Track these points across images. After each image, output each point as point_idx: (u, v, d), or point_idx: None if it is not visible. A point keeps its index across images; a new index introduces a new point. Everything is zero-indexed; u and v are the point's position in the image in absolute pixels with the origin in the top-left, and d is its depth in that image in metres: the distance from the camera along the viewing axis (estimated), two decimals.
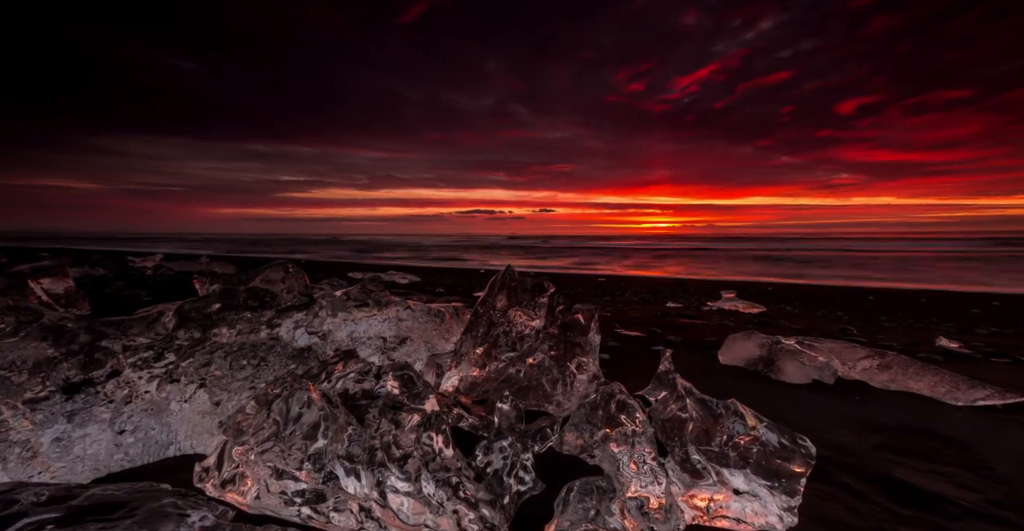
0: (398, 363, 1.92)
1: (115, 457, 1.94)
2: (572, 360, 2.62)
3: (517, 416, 2.05)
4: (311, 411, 1.48)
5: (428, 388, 1.87)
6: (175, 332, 2.23)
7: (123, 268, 10.48)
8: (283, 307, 2.59)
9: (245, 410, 1.50)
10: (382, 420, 1.63)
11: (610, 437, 1.97)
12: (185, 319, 2.29)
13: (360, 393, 1.80)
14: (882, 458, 2.63)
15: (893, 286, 18.64)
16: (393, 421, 1.66)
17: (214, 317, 2.36)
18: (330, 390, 1.78)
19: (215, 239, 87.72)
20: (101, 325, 2.17)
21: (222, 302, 2.42)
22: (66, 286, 4.74)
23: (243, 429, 1.47)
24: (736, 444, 2.00)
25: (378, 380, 1.85)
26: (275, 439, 1.43)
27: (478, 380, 2.62)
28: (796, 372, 4.23)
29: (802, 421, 3.12)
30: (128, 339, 2.14)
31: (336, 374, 1.86)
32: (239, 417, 1.49)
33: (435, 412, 1.76)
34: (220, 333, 2.34)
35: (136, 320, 2.27)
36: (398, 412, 1.70)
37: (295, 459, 1.42)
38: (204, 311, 2.35)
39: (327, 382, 1.83)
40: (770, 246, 64.35)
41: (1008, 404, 3.55)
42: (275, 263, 2.71)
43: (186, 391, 2.14)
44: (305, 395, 1.50)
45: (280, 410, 1.47)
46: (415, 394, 1.83)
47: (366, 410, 1.68)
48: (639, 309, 9.91)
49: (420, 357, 3.30)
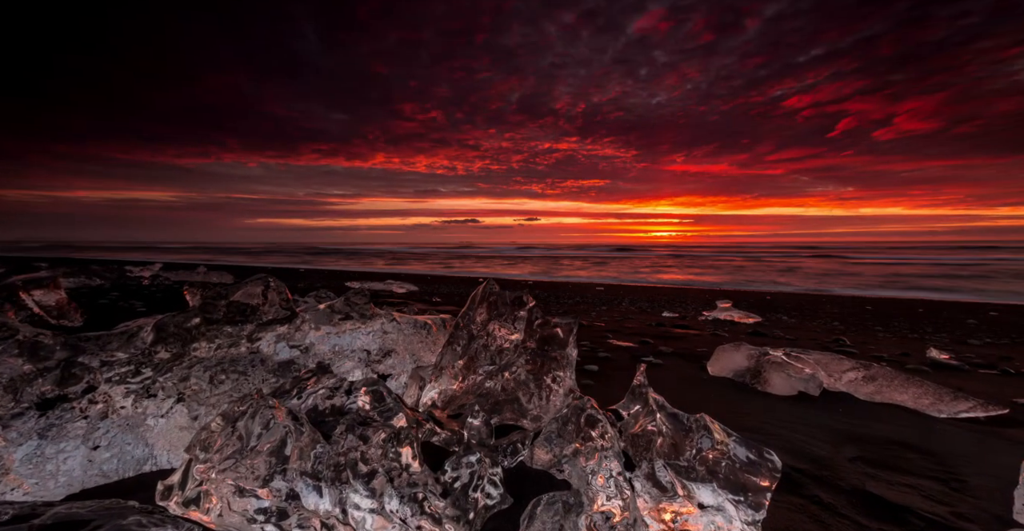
0: (369, 378, 1.95)
1: (89, 473, 1.96)
2: (549, 374, 2.64)
3: (487, 431, 2.08)
4: (274, 429, 1.50)
5: (398, 403, 1.90)
6: (153, 347, 2.27)
7: (120, 278, 10.53)
8: (264, 321, 2.62)
9: (210, 427, 1.53)
10: (349, 436, 1.66)
11: (579, 451, 2.00)
12: (163, 334, 2.32)
13: (329, 409, 1.83)
14: (857, 470, 2.65)
15: (891, 296, 18.67)
16: (361, 437, 1.69)
17: (194, 332, 2.39)
18: (299, 407, 1.81)
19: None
20: (79, 340, 2.20)
21: (202, 316, 2.46)
22: (58, 298, 4.78)
23: (207, 446, 1.50)
24: (704, 458, 2.02)
25: (348, 396, 1.88)
26: (238, 457, 1.46)
27: (458, 393, 2.65)
28: (782, 384, 4.25)
29: (782, 433, 3.14)
30: (107, 354, 2.18)
31: (308, 390, 1.89)
32: (203, 434, 1.52)
33: (403, 427, 1.79)
34: (199, 347, 2.37)
35: (115, 335, 2.30)
36: (366, 428, 1.73)
37: (257, 477, 1.45)
38: (184, 326, 2.39)
39: (297, 398, 1.86)
40: (774, 255, 64.40)
41: (990, 416, 3.57)
42: (256, 277, 2.75)
43: (163, 406, 2.17)
44: (268, 413, 1.53)
45: (244, 428, 1.50)
46: (385, 409, 1.86)
47: (334, 426, 1.71)
48: (634, 319, 9.92)
49: (405, 369, 3.32)
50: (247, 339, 2.52)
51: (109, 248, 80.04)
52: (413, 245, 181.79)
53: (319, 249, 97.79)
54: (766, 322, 10.13)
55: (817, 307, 13.92)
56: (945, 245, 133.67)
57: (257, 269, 28.12)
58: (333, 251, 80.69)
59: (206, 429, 1.53)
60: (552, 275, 30.02)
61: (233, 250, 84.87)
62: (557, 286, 21.50)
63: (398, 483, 1.65)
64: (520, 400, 2.56)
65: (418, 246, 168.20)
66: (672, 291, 19.82)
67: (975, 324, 10.27)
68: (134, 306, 7.22)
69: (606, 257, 63.19)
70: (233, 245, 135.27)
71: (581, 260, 54.03)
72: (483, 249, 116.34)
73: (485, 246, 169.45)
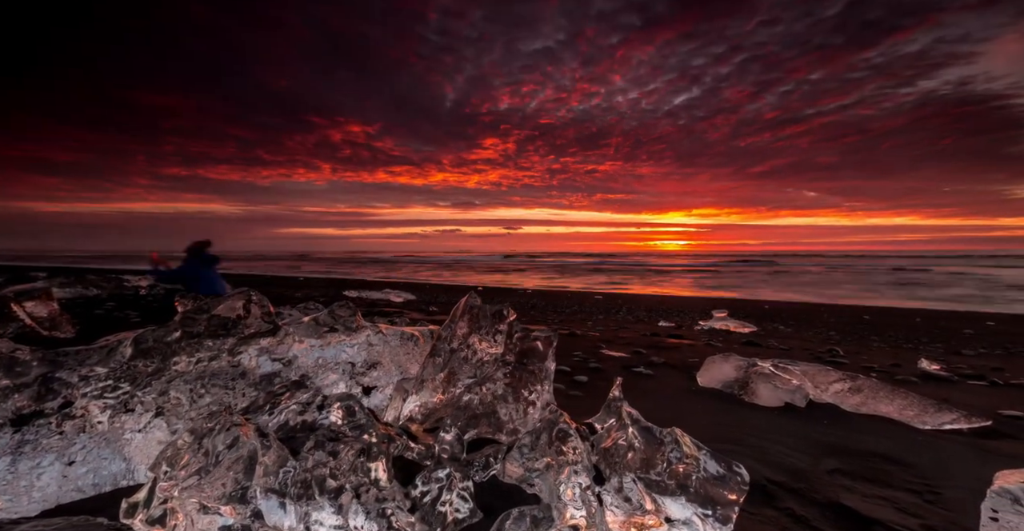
0: (342, 393, 1.98)
1: (65, 489, 1.99)
2: (527, 387, 2.67)
3: (459, 445, 2.10)
4: (240, 446, 1.53)
5: (370, 418, 1.92)
6: (132, 362, 2.30)
7: (117, 288, 10.56)
8: (246, 335, 2.65)
9: (176, 444, 1.56)
10: (317, 452, 1.69)
11: (550, 466, 2.02)
12: (142, 349, 2.35)
13: (301, 425, 1.86)
14: (834, 483, 2.66)
15: (890, 305, 18.66)
16: (330, 453, 1.71)
17: (174, 346, 2.42)
18: (270, 422, 1.84)
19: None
20: (57, 355, 2.24)
21: (182, 330, 2.49)
22: (50, 309, 4.81)
23: (174, 463, 1.52)
24: (674, 472, 2.04)
25: (321, 411, 1.91)
26: (202, 474, 1.48)
27: (438, 407, 2.67)
28: (769, 395, 4.27)
29: (763, 445, 3.15)
30: (86, 369, 2.21)
31: (281, 406, 1.92)
32: (170, 451, 1.55)
33: (373, 443, 1.81)
34: (179, 361, 2.40)
35: (95, 350, 2.33)
36: (336, 443, 1.76)
37: (221, 494, 1.47)
38: (163, 340, 2.42)
39: (268, 414, 1.89)
40: (779, 264, 64.48)
41: (973, 428, 3.58)
42: (238, 291, 2.78)
43: (141, 420, 2.19)
44: (234, 430, 1.56)
45: (209, 445, 1.53)
46: (356, 425, 1.88)
47: (304, 442, 1.73)
48: (630, 328, 9.94)
49: (391, 381, 3.35)
50: (228, 353, 2.55)
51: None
52: (430, 253, 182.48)
53: (338, 257, 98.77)
54: (762, 332, 10.15)
55: (815, 316, 13.92)
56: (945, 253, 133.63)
57: (256, 277, 28.22)
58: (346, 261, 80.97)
59: (173, 445, 1.55)
60: (553, 284, 30.05)
61: (257, 257, 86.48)
62: (556, 295, 21.53)
63: (365, 499, 1.67)
64: (498, 413, 2.58)
65: (434, 254, 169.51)
66: (671, 300, 19.84)
67: (971, 334, 10.27)
68: (129, 316, 7.25)
69: (612, 265, 63.31)
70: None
71: (588, 268, 54.11)
72: (496, 257, 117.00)
73: (482, 253, 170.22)
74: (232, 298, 2.70)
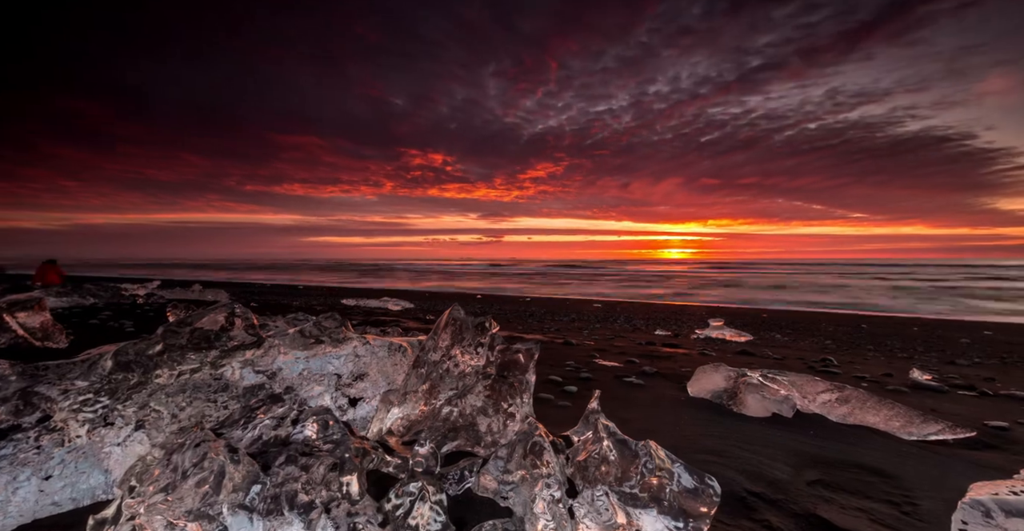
0: (318, 407, 2.00)
1: (42, 503, 2.00)
2: (507, 400, 2.69)
3: (433, 458, 2.12)
4: (208, 462, 1.55)
5: (344, 432, 1.94)
6: (113, 375, 2.32)
7: (114, 297, 10.61)
8: (229, 347, 2.68)
9: (146, 459, 1.58)
10: (289, 467, 1.71)
11: (524, 479, 2.04)
12: (122, 362, 2.38)
13: (275, 439, 1.88)
14: (813, 494, 2.67)
15: (889, 314, 18.65)
16: (303, 467, 1.74)
17: (156, 359, 2.45)
18: (243, 437, 1.86)
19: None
20: (37, 369, 2.26)
21: (164, 343, 2.52)
22: (43, 319, 4.85)
23: (143, 478, 1.54)
24: (647, 484, 2.06)
25: (295, 425, 1.93)
26: (169, 490, 1.50)
27: (419, 419, 2.69)
28: (756, 406, 4.27)
29: (746, 455, 3.16)
30: (66, 383, 2.24)
31: (256, 420, 1.94)
32: (139, 467, 1.57)
33: (346, 457, 1.83)
34: (161, 374, 2.43)
35: (76, 363, 2.36)
36: (309, 458, 1.78)
37: (188, 511, 1.49)
38: (145, 353, 2.44)
39: (242, 429, 1.91)
40: (783, 272, 64.54)
41: (958, 439, 3.59)
42: (221, 304, 2.81)
43: (121, 434, 2.21)
44: (204, 445, 1.58)
45: (178, 460, 1.55)
46: (330, 439, 1.91)
47: (277, 457, 1.75)
48: (626, 337, 9.94)
49: (378, 393, 3.37)
50: (210, 365, 2.58)
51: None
52: (443, 261, 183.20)
53: (350, 265, 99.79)
54: (758, 340, 10.15)
55: (813, 325, 13.92)
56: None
57: (256, 286, 28.29)
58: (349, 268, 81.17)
59: (142, 461, 1.57)
60: (554, 292, 30.09)
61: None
62: (556, 302, 21.54)
63: (336, 513, 1.69)
64: (477, 426, 2.60)
65: (448, 262, 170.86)
66: (670, 308, 19.84)
67: (967, 343, 10.27)
68: (124, 326, 7.28)
69: (618, 273, 63.34)
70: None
71: (592, 276, 54.18)
72: (506, 265, 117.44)
73: (499, 261, 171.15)
74: (215, 311, 2.72)
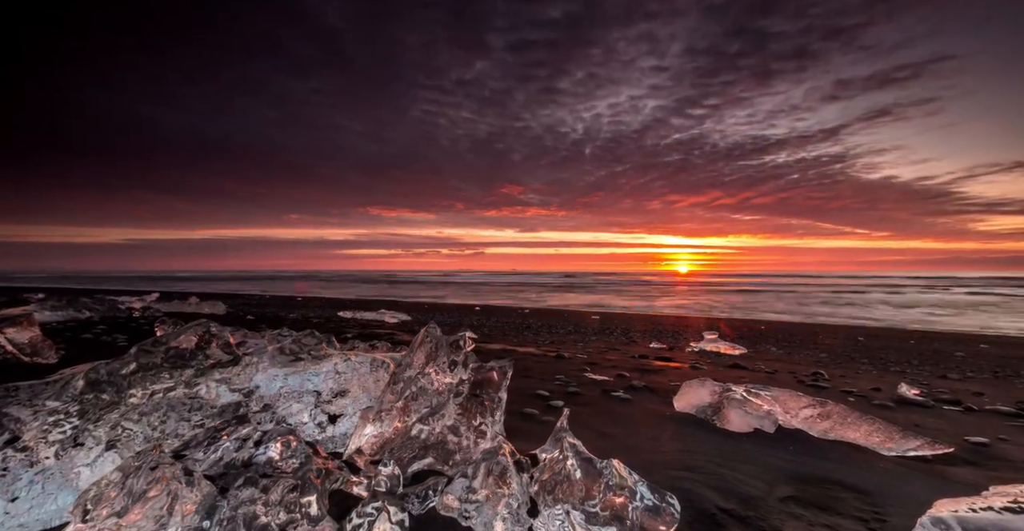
0: (282, 428, 2.03)
1: (8, 526, 2.02)
2: (477, 418, 2.72)
3: (397, 478, 2.15)
4: (161, 485, 1.58)
5: (307, 453, 1.97)
6: (84, 395, 2.36)
7: (110, 310, 10.65)
8: (204, 366, 2.72)
9: (101, 483, 1.61)
10: (248, 489, 1.74)
11: (488, 498, 2.07)
12: (93, 381, 2.41)
13: (237, 461, 1.91)
14: (784, 511, 2.68)
15: (887, 326, 18.62)
16: (263, 489, 1.76)
17: (129, 378, 2.48)
18: (205, 459, 1.89)
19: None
20: (8, 391, 2.30)
21: (137, 363, 2.55)
22: (31, 335, 4.88)
23: (96, 502, 1.57)
24: (609, 502, 2.08)
25: (258, 447, 1.96)
26: (122, 514, 1.53)
27: (393, 437, 2.72)
28: (739, 421, 4.29)
29: (722, 471, 3.17)
30: (38, 404, 2.27)
31: (219, 442, 1.97)
32: (93, 491, 1.59)
33: (307, 478, 1.86)
34: (134, 394, 2.46)
35: (49, 383, 2.40)
36: (269, 479, 1.81)
37: None
38: (119, 372, 2.48)
39: (204, 451, 1.94)
40: (792, 284, 64.60)
41: (937, 454, 3.60)
42: (196, 323, 2.85)
43: (91, 454, 2.24)
44: (160, 468, 1.61)
45: (132, 484, 1.58)
46: (294, 459, 1.94)
47: (235, 479, 1.78)
48: (620, 350, 9.95)
49: (359, 409, 3.39)
50: (185, 385, 2.61)
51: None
52: (464, 272, 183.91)
53: (379, 277, 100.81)
54: (752, 353, 10.14)
55: (810, 337, 13.91)
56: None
57: (254, 297, 28.31)
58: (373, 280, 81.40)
59: (98, 484, 1.60)
60: (551, 303, 30.08)
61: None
62: (554, 314, 21.54)
63: None
64: (447, 444, 2.63)
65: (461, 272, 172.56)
66: (669, 320, 19.83)
67: (962, 357, 10.25)
68: (117, 340, 7.31)
69: (628, 284, 63.36)
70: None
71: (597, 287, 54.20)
72: (519, 276, 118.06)
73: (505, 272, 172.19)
74: (190, 330, 2.76)
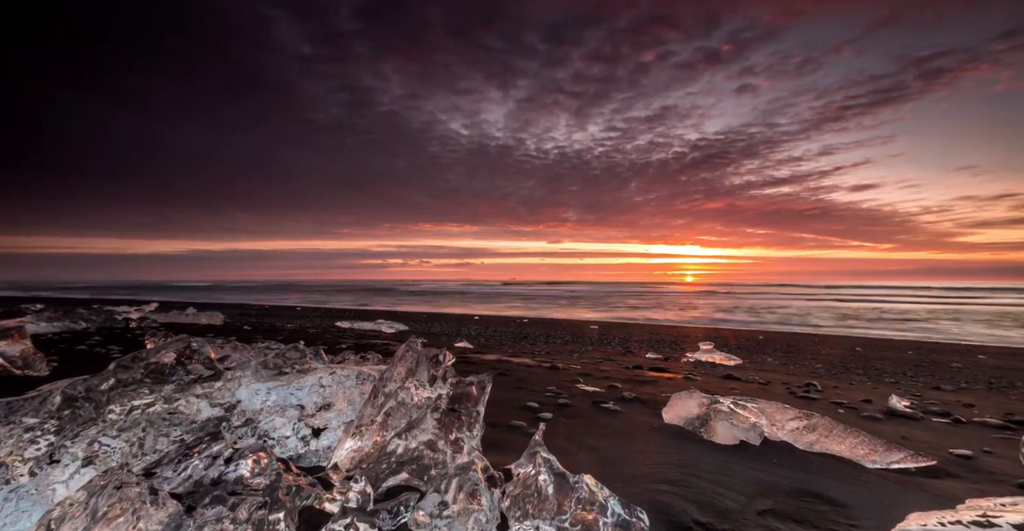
0: (255, 444, 2.05)
1: None
2: (455, 433, 2.74)
3: (366, 494, 2.17)
4: (123, 504, 1.59)
5: (277, 470, 1.99)
6: (61, 412, 2.38)
7: (107, 321, 10.69)
8: (185, 381, 2.74)
9: (65, 503, 1.62)
10: (216, 507, 1.75)
11: (458, 514, 2.08)
12: (70, 398, 2.44)
13: (207, 479, 1.93)
14: (760, 524, 2.68)
15: (886, 337, 18.59)
16: (231, 507, 1.78)
17: (108, 394, 2.51)
18: (175, 478, 1.91)
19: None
20: None
21: (116, 378, 2.58)
22: (23, 347, 4.91)
23: (59, 524, 1.58)
24: (579, 518, 2.10)
25: (229, 464, 1.98)
26: None
27: (370, 452, 2.74)
28: (725, 433, 4.30)
29: (702, 484, 3.17)
30: (15, 420, 2.29)
31: (190, 459, 1.99)
32: (56, 512, 1.61)
33: (276, 495, 1.88)
34: (113, 410, 2.48)
35: (27, 400, 2.42)
36: (238, 497, 1.82)
37: None
38: (97, 388, 2.50)
39: (173, 469, 1.96)
40: (798, 293, 64.61)
41: (920, 467, 3.61)
42: (177, 338, 2.88)
43: (67, 471, 2.26)
44: (125, 488, 1.63)
45: (95, 503, 1.60)
46: (263, 476, 1.96)
47: (203, 497, 1.80)
48: (615, 361, 9.94)
49: (344, 422, 3.41)
50: (164, 400, 2.64)
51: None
52: (478, 282, 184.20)
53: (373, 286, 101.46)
54: (748, 364, 10.14)
55: (807, 347, 13.90)
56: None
57: (254, 307, 28.35)
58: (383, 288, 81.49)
59: (62, 505, 1.62)
60: (552, 313, 30.08)
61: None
62: (553, 324, 21.54)
63: None
64: (424, 459, 2.65)
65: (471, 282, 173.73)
66: (667, 330, 19.82)
67: (958, 368, 10.24)
68: (111, 351, 7.34)
69: (632, 294, 63.32)
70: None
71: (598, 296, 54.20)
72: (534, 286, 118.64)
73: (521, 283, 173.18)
74: (170, 346, 2.79)
